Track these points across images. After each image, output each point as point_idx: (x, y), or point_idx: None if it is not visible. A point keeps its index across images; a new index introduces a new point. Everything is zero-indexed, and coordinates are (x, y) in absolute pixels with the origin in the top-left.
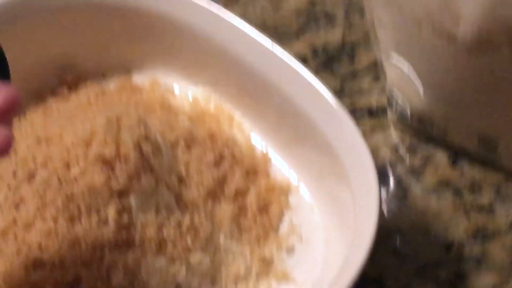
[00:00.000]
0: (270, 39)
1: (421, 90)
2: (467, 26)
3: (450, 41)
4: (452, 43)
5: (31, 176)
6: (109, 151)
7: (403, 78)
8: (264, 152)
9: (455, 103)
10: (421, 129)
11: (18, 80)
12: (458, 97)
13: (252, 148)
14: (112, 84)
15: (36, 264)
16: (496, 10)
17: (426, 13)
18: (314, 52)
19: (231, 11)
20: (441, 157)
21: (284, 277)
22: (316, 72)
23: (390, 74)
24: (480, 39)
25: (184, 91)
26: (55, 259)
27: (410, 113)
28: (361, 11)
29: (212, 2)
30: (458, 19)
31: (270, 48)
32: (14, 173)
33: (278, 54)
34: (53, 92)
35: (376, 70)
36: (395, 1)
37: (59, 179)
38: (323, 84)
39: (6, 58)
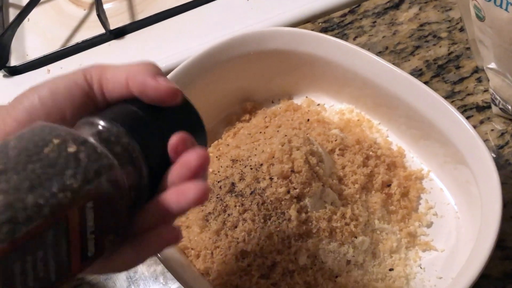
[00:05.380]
0: (391, 60)
1: None
2: None
3: None
4: None
5: (232, 189)
6: (286, 168)
7: (504, 83)
8: (399, 149)
9: None
10: None
11: (215, 111)
12: None
13: (390, 147)
14: (279, 107)
15: (243, 254)
16: None
17: None
18: (428, 65)
19: (359, 42)
20: None
21: (427, 246)
22: (431, 80)
23: (492, 79)
24: None
25: (332, 107)
26: (256, 249)
27: (511, 108)
28: (461, 29)
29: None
30: None
31: (393, 69)
32: (220, 187)
33: (399, 72)
34: (238, 118)
35: (478, 74)
36: (494, 28)
37: (252, 191)
38: (436, 91)
39: (204, 127)
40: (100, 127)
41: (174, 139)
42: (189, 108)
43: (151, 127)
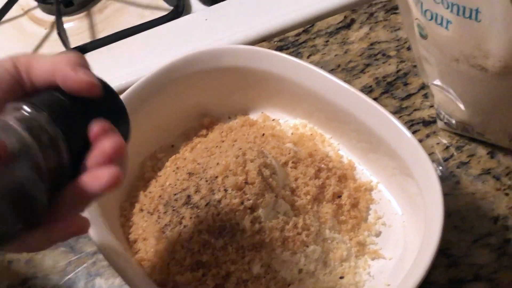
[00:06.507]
0: (343, 78)
1: (462, 106)
2: (495, 60)
3: (482, 71)
4: (484, 73)
5: (187, 201)
6: (240, 179)
7: (447, 98)
8: (350, 162)
9: (489, 114)
10: (464, 133)
11: (173, 126)
12: (490, 109)
13: (341, 160)
14: (236, 122)
15: (198, 264)
16: None
17: (462, 53)
18: (377, 82)
19: (313, 60)
20: (481, 152)
21: (376, 255)
22: (380, 96)
23: (436, 95)
24: (505, 69)
25: (286, 122)
26: (211, 260)
27: (455, 122)
28: (408, 48)
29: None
30: (488, 56)
31: (344, 86)
32: (176, 200)
33: (350, 89)
34: (196, 133)
35: (424, 91)
36: (436, 45)
37: (207, 202)
38: (385, 107)
39: (128, 117)
40: (25, 113)
41: (94, 127)
42: (114, 98)
43: (74, 114)
